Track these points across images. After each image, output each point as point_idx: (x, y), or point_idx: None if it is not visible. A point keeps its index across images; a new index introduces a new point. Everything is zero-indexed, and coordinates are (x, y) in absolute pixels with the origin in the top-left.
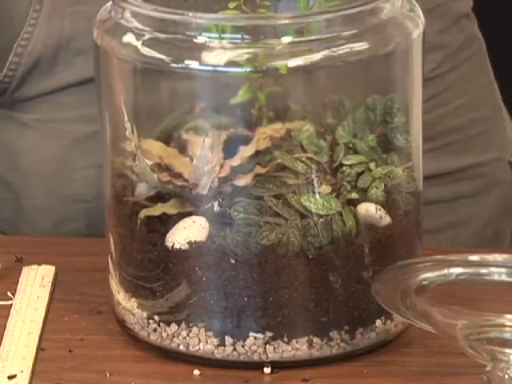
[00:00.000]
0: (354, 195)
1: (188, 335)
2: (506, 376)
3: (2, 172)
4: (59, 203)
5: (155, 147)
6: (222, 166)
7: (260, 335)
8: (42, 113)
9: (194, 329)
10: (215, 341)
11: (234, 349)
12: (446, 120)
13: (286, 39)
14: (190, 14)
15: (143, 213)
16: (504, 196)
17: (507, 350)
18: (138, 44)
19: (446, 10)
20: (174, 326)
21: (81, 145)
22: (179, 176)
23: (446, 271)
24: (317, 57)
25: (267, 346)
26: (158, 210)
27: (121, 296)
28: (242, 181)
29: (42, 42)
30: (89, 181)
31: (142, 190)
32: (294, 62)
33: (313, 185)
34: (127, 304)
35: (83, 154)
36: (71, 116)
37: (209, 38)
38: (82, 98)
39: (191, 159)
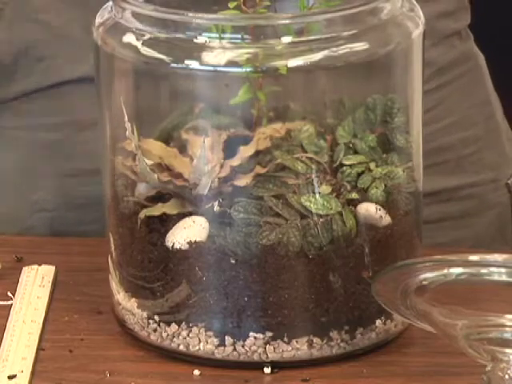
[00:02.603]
0: (354, 195)
1: (188, 335)
2: (506, 376)
3: None
4: (23, 211)
5: (155, 147)
6: (222, 166)
7: (260, 335)
8: (5, 120)
9: (194, 329)
10: (215, 341)
11: (234, 349)
12: (435, 138)
13: (286, 39)
14: (190, 14)
15: (143, 213)
16: (498, 219)
17: (507, 350)
18: (138, 44)
19: (430, 29)
20: (174, 326)
21: (42, 153)
22: (179, 176)
23: (445, 271)
24: (317, 57)
25: (267, 346)
26: (158, 210)
27: (121, 296)
28: (242, 181)
29: (2, 49)
30: (51, 190)
31: (142, 189)
32: (293, 62)
33: (313, 185)
34: (127, 304)
35: (45, 162)
36: (33, 124)
37: (209, 37)
38: (44, 105)
39: (191, 159)
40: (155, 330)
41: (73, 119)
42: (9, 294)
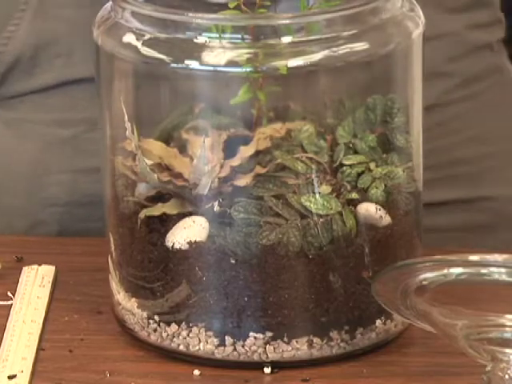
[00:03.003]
0: (354, 195)
1: (188, 335)
2: (506, 376)
3: None
4: (35, 205)
5: (155, 147)
6: (222, 166)
7: (260, 335)
8: (22, 113)
9: (194, 329)
10: (215, 341)
11: (234, 349)
12: (453, 150)
13: (286, 39)
14: (190, 14)
15: (143, 213)
16: None
17: (507, 350)
18: (138, 44)
19: (459, 39)
20: (174, 326)
21: (56, 148)
22: (179, 176)
23: (445, 271)
24: (317, 57)
25: (267, 346)
26: (158, 210)
27: (121, 296)
28: (242, 181)
29: (23, 42)
30: (63, 185)
31: (142, 190)
32: (293, 62)
33: (313, 185)
34: (127, 304)
35: (58, 158)
36: (49, 118)
37: (209, 37)
38: (61, 101)
39: (191, 159)
40: (155, 330)
41: (87, 116)
42: (9, 293)
